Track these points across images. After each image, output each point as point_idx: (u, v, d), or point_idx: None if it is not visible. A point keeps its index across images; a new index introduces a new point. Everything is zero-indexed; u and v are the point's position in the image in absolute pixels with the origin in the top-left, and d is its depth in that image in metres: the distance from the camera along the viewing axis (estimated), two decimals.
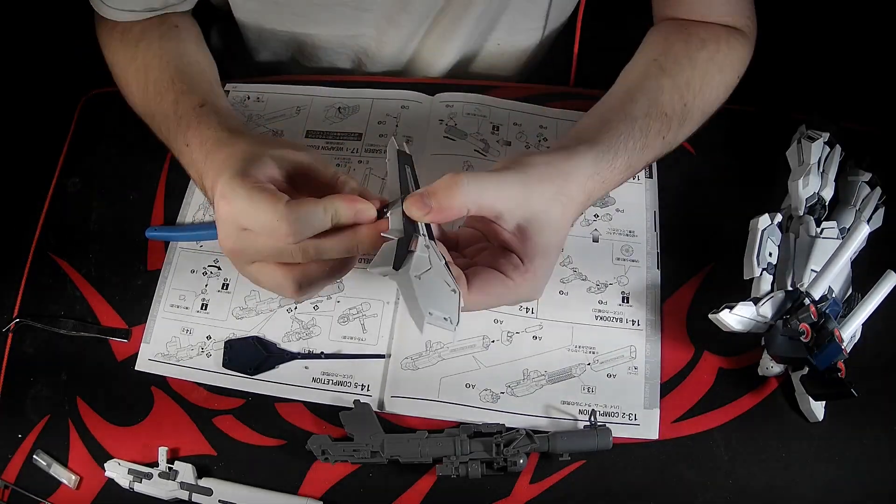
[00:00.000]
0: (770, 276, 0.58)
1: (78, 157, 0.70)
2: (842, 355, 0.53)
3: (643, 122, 0.55)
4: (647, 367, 0.58)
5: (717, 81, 0.60)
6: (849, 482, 0.55)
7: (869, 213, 0.61)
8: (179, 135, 0.56)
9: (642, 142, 0.55)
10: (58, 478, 0.56)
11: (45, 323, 0.61)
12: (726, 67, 0.61)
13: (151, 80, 0.60)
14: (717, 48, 0.61)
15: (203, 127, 0.54)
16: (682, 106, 0.58)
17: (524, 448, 0.53)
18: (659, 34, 0.63)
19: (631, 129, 0.54)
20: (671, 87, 0.58)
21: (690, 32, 0.62)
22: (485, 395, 0.57)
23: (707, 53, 0.60)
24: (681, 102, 0.57)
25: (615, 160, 0.53)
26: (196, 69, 0.62)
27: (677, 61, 0.60)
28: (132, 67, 0.63)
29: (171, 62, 0.61)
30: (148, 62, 0.62)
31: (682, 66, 0.59)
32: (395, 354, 0.59)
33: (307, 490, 0.55)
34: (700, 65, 0.60)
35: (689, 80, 0.59)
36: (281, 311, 0.61)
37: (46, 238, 0.66)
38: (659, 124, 0.56)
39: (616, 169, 0.53)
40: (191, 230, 0.65)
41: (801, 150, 0.62)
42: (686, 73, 0.59)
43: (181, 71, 0.60)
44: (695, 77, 0.59)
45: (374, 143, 0.68)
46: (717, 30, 0.62)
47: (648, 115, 0.56)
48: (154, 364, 0.60)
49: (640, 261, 0.62)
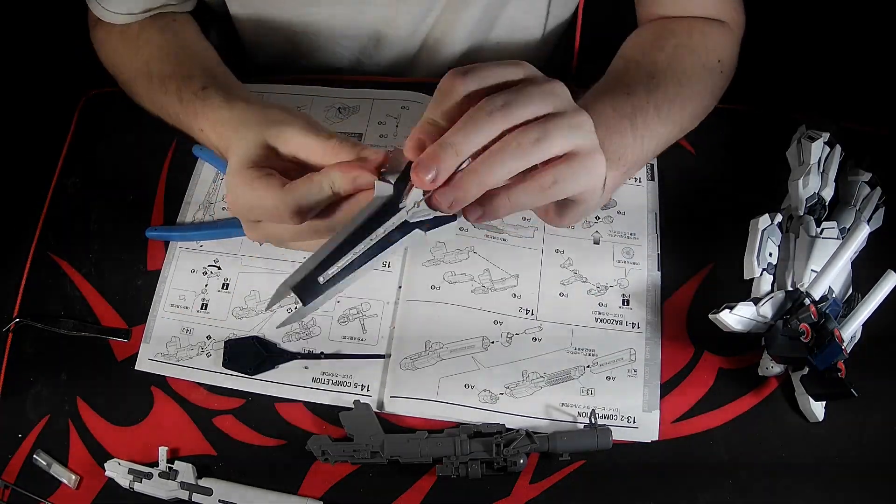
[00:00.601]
0: (770, 276, 0.58)
1: (78, 157, 0.70)
2: (842, 355, 0.53)
3: (601, 87, 0.56)
4: (647, 370, 0.58)
5: (690, 62, 0.60)
6: (849, 482, 0.55)
7: (869, 213, 0.61)
8: (191, 122, 0.57)
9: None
10: (58, 478, 0.56)
11: (45, 323, 0.61)
12: (699, 49, 0.61)
13: (155, 73, 0.61)
14: (690, 35, 0.62)
15: (208, 110, 0.55)
16: (648, 77, 0.57)
17: (524, 448, 0.53)
18: (632, 36, 0.64)
19: (586, 95, 0.55)
20: (634, 69, 0.58)
21: (662, 26, 0.63)
22: (483, 395, 0.57)
23: (676, 40, 0.61)
24: (645, 74, 0.57)
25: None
26: (195, 55, 0.62)
27: (643, 51, 0.60)
28: (135, 65, 0.63)
29: (171, 53, 0.62)
30: (150, 57, 0.62)
31: (646, 52, 0.60)
32: (395, 354, 0.59)
33: (307, 490, 0.55)
34: (668, 49, 0.60)
35: (655, 61, 0.59)
36: (281, 311, 0.61)
37: (46, 238, 0.66)
38: (618, 88, 0.55)
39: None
40: (191, 230, 0.65)
41: (801, 150, 0.62)
42: (651, 57, 0.59)
43: (181, 59, 0.61)
44: (660, 59, 0.59)
45: (374, 143, 0.68)
46: (691, 21, 0.63)
47: (605, 82, 0.57)
48: (154, 364, 0.60)
49: (641, 263, 0.62)
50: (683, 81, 0.59)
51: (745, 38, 0.67)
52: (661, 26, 0.64)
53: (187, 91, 0.57)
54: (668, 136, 0.58)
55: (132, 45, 0.64)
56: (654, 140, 0.56)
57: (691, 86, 0.59)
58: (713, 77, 0.62)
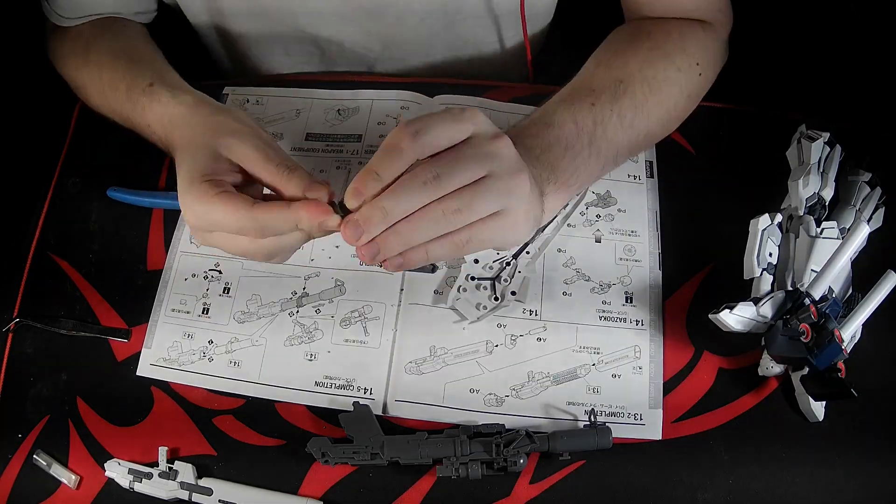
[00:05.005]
0: (770, 276, 0.58)
1: (78, 157, 0.70)
2: (842, 355, 0.53)
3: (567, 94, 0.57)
4: (651, 366, 0.58)
5: (663, 66, 0.60)
6: (849, 482, 0.55)
7: (869, 213, 0.61)
8: (139, 118, 0.59)
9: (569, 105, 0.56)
10: (58, 478, 0.56)
11: (45, 323, 0.61)
12: (674, 52, 0.61)
13: (105, 76, 0.63)
14: (667, 38, 0.61)
15: (156, 105, 0.57)
16: (616, 82, 0.58)
17: (524, 448, 0.53)
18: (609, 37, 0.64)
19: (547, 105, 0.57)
20: (604, 73, 0.59)
21: (640, 28, 0.63)
22: (489, 399, 0.57)
23: (651, 43, 0.61)
24: (613, 80, 0.58)
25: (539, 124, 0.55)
26: (143, 58, 0.64)
27: (616, 53, 0.61)
28: (86, 70, 0.65)
29: (120, 57, 0.63)
30: (100, 61, 0.64)
31: (618, 54, 0.60)
32: (398, 358, 0.59)
33: (307, 490, 0.55)
34: (642, 52, 0.60)
35: (626, 63, 0.59)
36: (283, 315, 0.61)
37: (46, 238, 0.66)
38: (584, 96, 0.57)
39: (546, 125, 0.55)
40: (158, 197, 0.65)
41: (801, 150, 0.62)
42: (622, 59, 0.60)
43: (130, 62, 0.62)
44: (632, 62, 0.59)
45: (374, 144, 0.68)
46: (671, 23, 0.63)
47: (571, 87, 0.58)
48: (155, 369, 0.60)
49: (643, 260, 0.62)
50: (654, 87, 0.59)
51: (746, 39, 0.68)
52: (639, 28, 0.63)
53: (135, 89, 0.59)
54: (630, 143, 0.59)
55: (82, 51, 0.66)
56: (612, 149, 0.57)
57: (662, 91, 0.59)
58: (690, 81, 0.62)
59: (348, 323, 0.60)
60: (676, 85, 0.61)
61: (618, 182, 0.65)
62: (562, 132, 0.54)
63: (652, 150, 0.66)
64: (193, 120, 0.54)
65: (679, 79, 0.61)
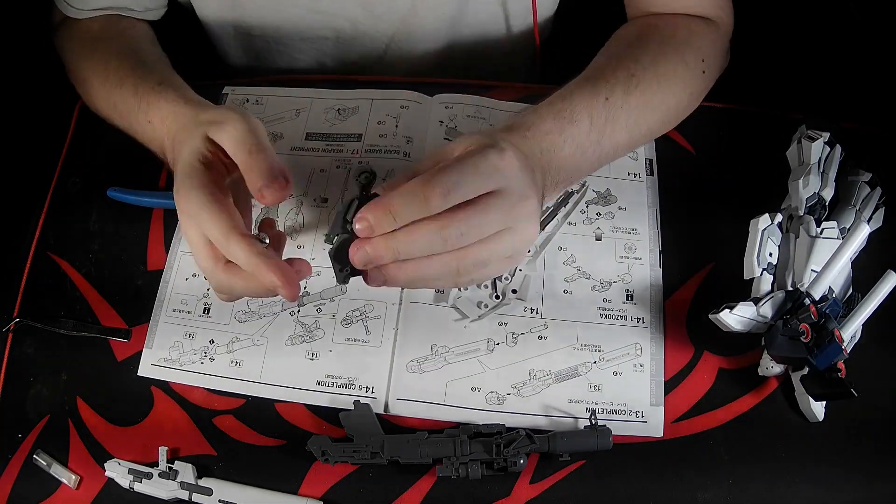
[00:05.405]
0: (770, 276, 0.58)
1: (78, 157, 0.70)
2: (842, 355, 0.53)
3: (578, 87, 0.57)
4: (653, 364, 0.58)
5: (673, 62, 0.60)
6: (849, 482, 0.55)
7: (869, 213, 0.61)
8: (141, 114, 0.59)
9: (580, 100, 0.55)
10: (58, 478, 0.56)
11: (45, 323, 0.61)
12: (683, 48, 0.61)
13: (112, 70, 0.63)
14: (675, 32, 0.62)
15: (163, 103, 0.57)
16: (629, 76, 0.58)
17: (524, 448, 0.53)
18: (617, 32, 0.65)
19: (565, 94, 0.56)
20: (615, 64, 0.59)
21: (646, 23, 0.64)
22: (491, 397, 0.57)
23: (660, 37, 0.61)
24: (627, 74, 0.58)
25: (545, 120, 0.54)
26: (151, 59, 0.65)
27: (630, 46, 0.61)
28: (92, 61, 0.66)
29: (129, 54, 0.64)
30: (108, 55, 0.65)
31: (631, 47, 0.61)
32: (399, 356, 0.59)
33: (307, 490, 0.55)
34: (653, 46, 0.60)
35: (638, 58, 0.59)
36: (284, 314, 0.61)
37: (46, 238, 0.66)
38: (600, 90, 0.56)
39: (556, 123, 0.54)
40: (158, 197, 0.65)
41: (801, 150, 0.62)
42: (634, 52, 0.60)
43: (140, 60, 0.63)
44: (644, 54, 0.59)
45: (374, 143, 0.68)
46: (676, 19, 0.63)
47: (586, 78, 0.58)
48: (156, 369, 0.60)
49: (644, 258, 0.62)
50: (663, 82, 0.59)
51: (746, 38, 0.68)
52: (646, 23, 0.64)
53: (144, 85, 0.59)
54: (630, 142, 0.59)
55: (90, 43, 0.67)
56: (613, 148, 0.58)
57: (670, 87, 0.60)
58: (695, 78, 0.62)
59: (349, 322, 0.60)
60: (682, 82, 0.61)
61: (618, 180, 0.65)
62: (579, 130, 0.54)
63: (652, 149, 0.67)
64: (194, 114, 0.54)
65: (686, 75, 0.61)
